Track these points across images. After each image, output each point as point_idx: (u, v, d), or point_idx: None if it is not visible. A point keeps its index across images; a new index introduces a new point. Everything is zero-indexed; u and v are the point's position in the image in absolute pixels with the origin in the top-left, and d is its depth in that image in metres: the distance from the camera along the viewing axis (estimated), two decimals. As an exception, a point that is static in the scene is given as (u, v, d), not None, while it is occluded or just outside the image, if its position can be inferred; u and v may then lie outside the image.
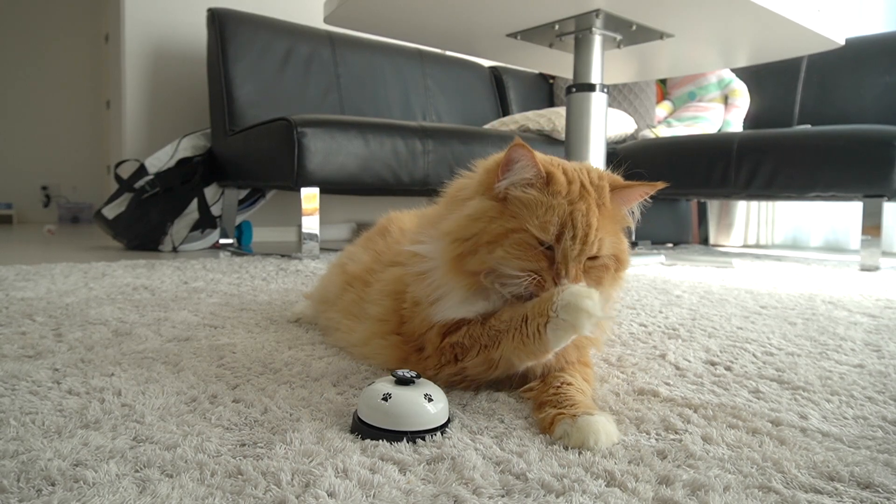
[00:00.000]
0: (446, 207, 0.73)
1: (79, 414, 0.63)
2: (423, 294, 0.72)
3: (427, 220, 0.78)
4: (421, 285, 0.72)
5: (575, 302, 0.60)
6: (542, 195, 0.66)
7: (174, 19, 3.09)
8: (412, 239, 0.78)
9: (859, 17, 3.42)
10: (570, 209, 0.65)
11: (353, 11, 1.84)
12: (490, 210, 0.67)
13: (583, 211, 0.65)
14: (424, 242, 0.74)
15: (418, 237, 0.76)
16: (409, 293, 0.75)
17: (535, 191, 0.66)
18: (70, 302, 1.28)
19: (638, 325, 1.17)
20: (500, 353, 0.66)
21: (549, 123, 2.88)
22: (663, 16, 1.86)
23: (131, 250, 2.62)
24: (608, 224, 0.68)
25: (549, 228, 0.64)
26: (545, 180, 0.66)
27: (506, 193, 0.67)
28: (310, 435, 0.58)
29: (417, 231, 0.79)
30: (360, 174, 2.29)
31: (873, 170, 2.25)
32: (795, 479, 0.51)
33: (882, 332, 1.14)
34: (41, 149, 5.67)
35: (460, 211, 0.69)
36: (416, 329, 0.74)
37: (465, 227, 0.67)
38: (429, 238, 0.73)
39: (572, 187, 0.66)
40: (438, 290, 0.70)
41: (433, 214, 0.77)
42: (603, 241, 0.67)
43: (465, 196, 0.71)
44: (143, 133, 3.07)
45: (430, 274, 0.71)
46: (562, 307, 0.60)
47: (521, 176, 0.66)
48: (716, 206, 3.70)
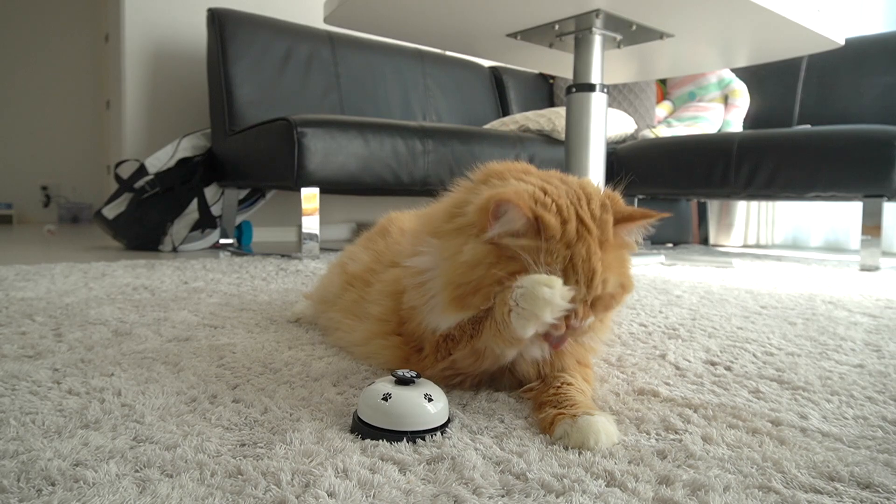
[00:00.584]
0: (444, 218, 0.71)
1: (79, 414, 0.63)
2: (420, 301, 0.71)
3: (426, 221, 0.77)
4: (418, 292, 0.71)
5: (532, 290, 0.59)
6: (537, 242, 0.62)
7: (174, 19, 3.09)
8: (410, 251, 0.75)
9: (859, 17, 3.42)
10: (570, 253, 0.62)
11: (353, 11, 1.85)
12: (487, 256, 0.63)
13: (583, 255, 0.62)
14: (423, 253, 0.71)
15: (416, 247, 0.74)
16: (405, 299, 0.75)
17: (528, 239, 0.62)
18: (70, 302, 1.28)
19: (638, 325, 1.17)
20: (483, 342, 0.66)
21: (549, 123, 2.89)
22: (663, 16, 1.87)
23: (131, 250, 2.62)
24: (612, 258, 0.65)
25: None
26: (536, 225, 0.62)
27: (499, 241, 0.63)
28: (310, 435, 0.58)
29: (414, 238, 0.77)
30: (360, 174, 2.29)
31: (873, 170, 2.25)
32: (795, 479, 0.51)
33: (882, 332, 1.14)
34: (41, 149, 5.67)
35: (456, 257, 0.65)
36: (415, 330, 0.74)
37: (464, 274, 0.64)
38: (427, 248, 0.71)
39: (568, 228, 0.62)
40: (435, 314, 0.68)
41: (432, 215, 0.75)
42: (608, 281, 0.64)
43: (459, 225, 0.67)
44: (143, 133, 3.07)
45: (428, 284, 0.70)
46: (520, 296, 0.59)
47: (509, 227, 0.62)
48: (716, 206, 3.70)
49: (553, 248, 0.62)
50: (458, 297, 0.65)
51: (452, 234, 0.68)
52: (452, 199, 0.73)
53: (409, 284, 0.73)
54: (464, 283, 0.64)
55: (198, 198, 2.65)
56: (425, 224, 0.76)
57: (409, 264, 0.73)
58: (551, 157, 2.82)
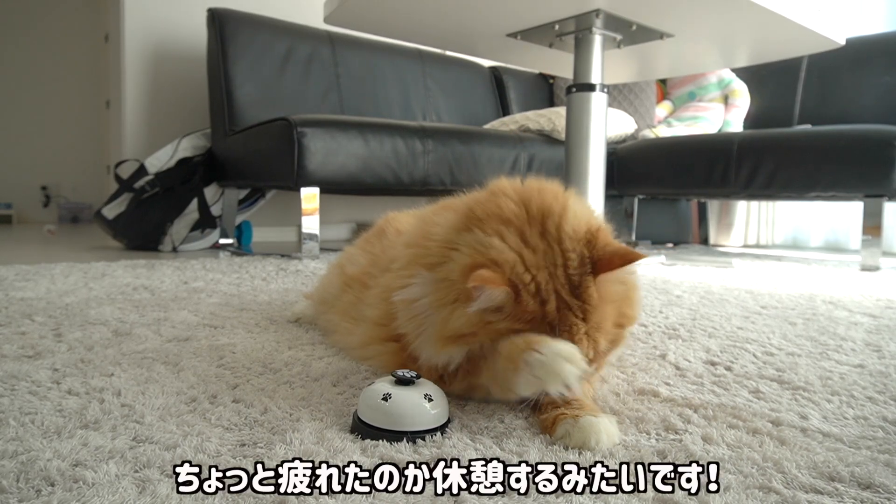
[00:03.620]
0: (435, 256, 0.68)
1: (78, 414, 0.62)
2: (412, 332, 0.69)
3: (419, 239, 0.74)
4: (410, 323, 0.69)
5: (552, 365, 0.56)
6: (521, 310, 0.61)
7: (174, 19, 3.09)
8: (400, 283, 0.71)
9: (859, 17, 3.42)
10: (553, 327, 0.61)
11: (353, 11, 1.84)
12: (478, 320, 0.62)
13: (569, 331, 0.61)
14: (414, 284, 0.69)
15: (406, 278, 0.70)
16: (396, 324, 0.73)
17: (510, 307, 0.61)
18: (70, 302, 1.28)
19: (638, 325, 1.17)
20: (481, 381, 0.66)
21: (549, 123, 2.88)
22: (663, 16, 1.86)
23: (131, 250, 2.62)
24: (602, 313, 0.63)
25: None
26: (514, 299, 0.60)
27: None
28: (310, 435, 0.58)
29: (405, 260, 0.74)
30: (360, 174, 2.29)
31: (873, 170, 2.25)
32: (796, 480, 0.51)
33: (882, 332, 1.14)
34: (41, 149, 5.67)
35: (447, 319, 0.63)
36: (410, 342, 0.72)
37: (458, 329, 0.63)
38: (419, 280, 0.69)
39: (548, 309, 0.61)
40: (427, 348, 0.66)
41: (426, 237, 0.72)
42: (598, 342, 0.63)
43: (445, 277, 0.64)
44: (143, 133, 3.07)
45: (419, 317, 0.67)
46: (538, 364, 0.56)
47: (489, 303, 0.60)
48: (716, 206, 3.70)
49: (538, 317, 0.61)
50: (450, 339, 0.63)
51: (442, 286, 0.65)
52: (443, 233, 0.69)
53: (400, 312, 0.71)
54: (455, 335, 0.63)
55: (198, 198, 2.65)
56: (419, 248, 0.73)
57: (400, 297, 0.70)
58: (551, 157, 2.82)
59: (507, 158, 2.68)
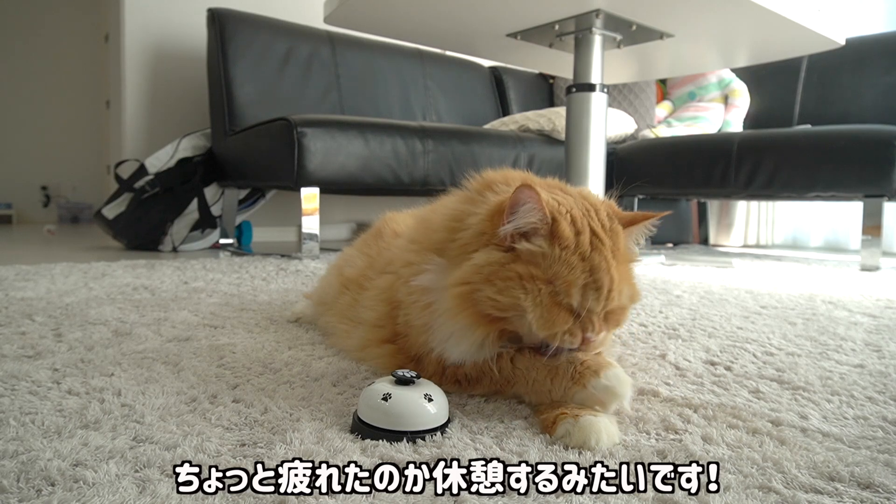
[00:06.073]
0: (445, 233, 0.68)
1: (79, 414, 0.62)
2: (424, 321, 0.68)
3: (423, 232, 0.74)
4: (422, 312, 0.68)
5: (615, 388, 0.61)
6: (554, 249, 0.61)
7: (174, 19, 3.09)
8: (413, 269, 0.71)
9: (859, 17, 3.42)
10: (588, 266, 0.61)
11: (353, 11, 1.84)
12: (501, 259, 0.62)
13: (602, 268, 0.62)
14: (428, 271, 0.68)
15: (420, 265, 0.70)
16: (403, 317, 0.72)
17: (545, 242, 0.61)
18: (70, 302, 1.28)
19: (638, 325, 1.17)
20: (512, 392, 0.68)
21: (549, 123, 2.88)
22: (663, 16, 1.86)
23: (131, 250, 2.62)
24: (624, 269, 0.65)
25: (571, 291, 0.61)
26: (550, 229, 0.61)
27: (513, 244, 0.62)
28: (310, 435, 0.58)
29: (410, 249, 0.74)
30: (360, 174, 2.29)
31: (873, 170, 2.24)
32: (796, 480, 0.51)
33: (882, 332, 1.14)
34: (41, 149, 5.67)
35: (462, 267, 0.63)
36: (412, 345, 0.72)
37: (473, 273, 0.62)
38: (432, 266, 0.68)
39: (581, 239, 0.62)
40: (442, 330, 0.66)
41: (430, 227, 0.73)
42: (622, 292, 0.64)
43: (465, 240, 0.65)
44: (143, 133, 3.07)
45: (433, 305, 0.67)
46: (602, 388, 0.61)
47: (526, 220, 0.61)
48: (716, 206, 3.70)
49: (569, 260, 0.61)
50: (466, 295, 0.62)
51: (458, 254, 0.65)
52: (451, 212, 0.70)
53: (411, 302, 0.70)
54: (477, 281, 0.62)
55: (198, 198, 2.65)
56: (423, 236, 0.73)
57: (414, 283, 0.70)
58: (551, 157, 2.82)
59: (507, 158, 2.68)
